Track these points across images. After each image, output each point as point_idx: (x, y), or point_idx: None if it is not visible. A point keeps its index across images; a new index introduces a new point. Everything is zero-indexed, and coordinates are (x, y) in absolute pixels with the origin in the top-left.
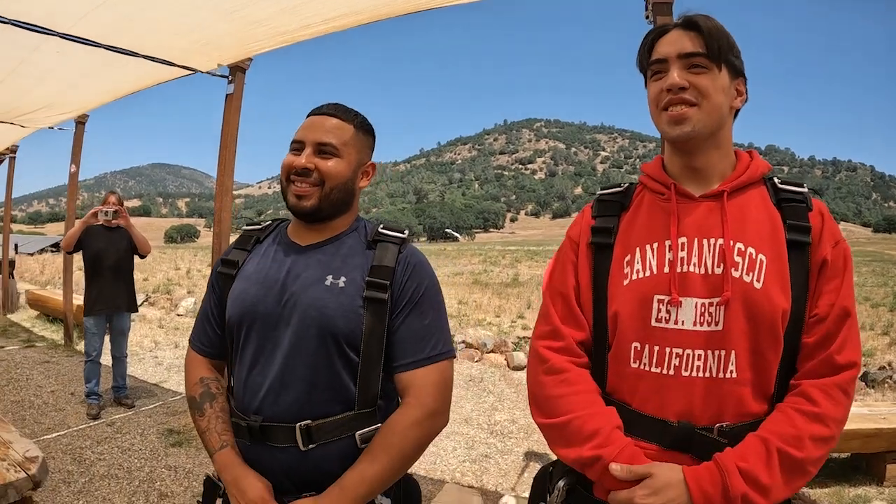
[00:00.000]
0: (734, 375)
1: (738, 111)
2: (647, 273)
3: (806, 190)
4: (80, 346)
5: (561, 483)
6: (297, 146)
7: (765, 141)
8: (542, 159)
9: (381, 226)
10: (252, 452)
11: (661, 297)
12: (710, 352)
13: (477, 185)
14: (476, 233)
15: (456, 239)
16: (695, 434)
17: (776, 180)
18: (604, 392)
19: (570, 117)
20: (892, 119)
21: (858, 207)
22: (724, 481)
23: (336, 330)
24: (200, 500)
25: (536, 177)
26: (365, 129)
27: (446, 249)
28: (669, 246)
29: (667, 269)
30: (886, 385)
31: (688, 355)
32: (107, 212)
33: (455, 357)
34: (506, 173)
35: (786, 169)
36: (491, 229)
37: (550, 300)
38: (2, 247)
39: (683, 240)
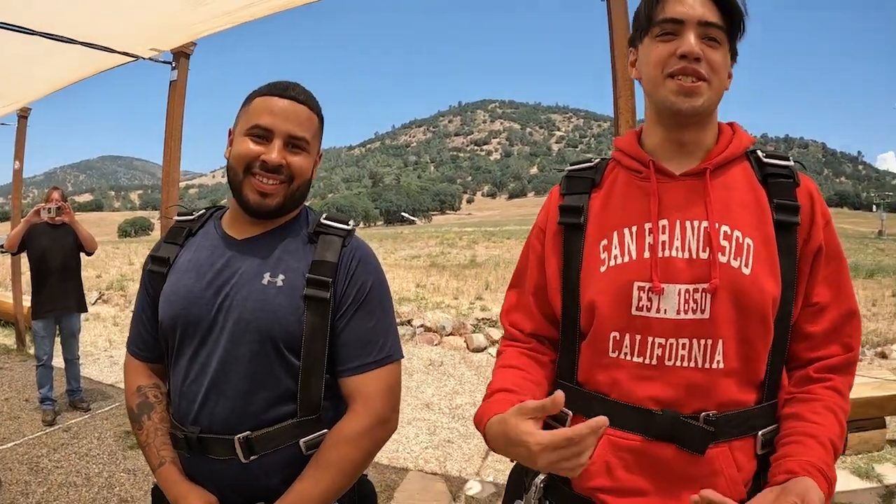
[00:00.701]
0: (721, 366)
1: None
2: (626, 258)
3: (792, 164)
4: (34, 350)
5: (539, 479)
6: (262, 133)
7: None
8: (498, 140)
9: (324, 216)
10: (192, 465)
11: (642, 284)
12: (695, 341)
13: (433, 168)
14: (433, 215)
15: (413, 222)
16: (681, 423)
17: (760, 154)
18: (575, 383)
19: (525, 98)
20: (843, 97)
21: None
22: (829, 488)
23: (274, 333)
24: None
25: (492, 158)
26: (322, 118)
27: (403, 233)
28: (649, 229)
29: (647, 254)
30: None
31: (671, 345)
32: (49, 209)
33: (403, 358)
34: (461, 155)
35: None
36: (447, 211)
37: (508, 290)
38: None
39: (664, 222)
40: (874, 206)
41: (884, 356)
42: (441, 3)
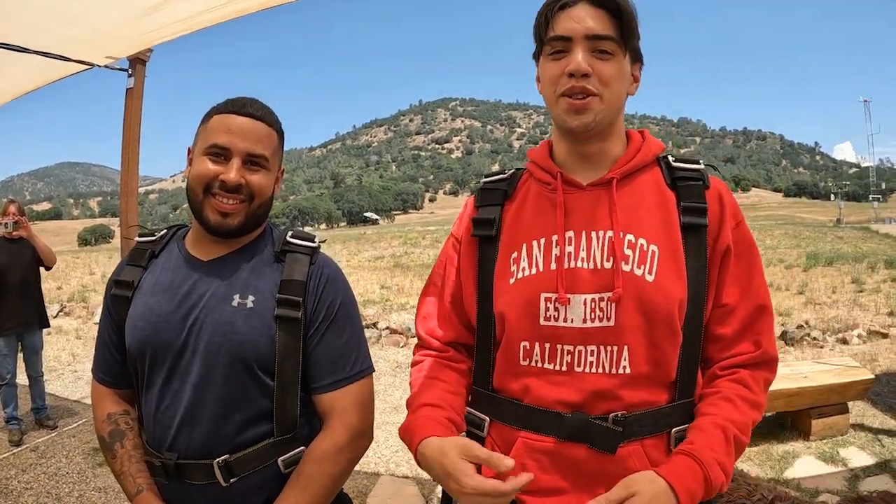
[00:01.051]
0: (628, 371)
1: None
2: (534, 270)
3: (702, 167)
4: None
5: None
6: (220, 152)
7: (677, 113)
8: (459, 138)
9: (290, 234)
10: (171, 491)
11: (549, 294)
12: (602, 347)
13: (394, 167)
14: (395, 215)
15: (376, 222)
16: (590, 424)
17: (670, 159)
18: (490, 389)
19: (486, 95)
20: (799, 89)
21: (769, 174)
22: (706, 474)
23: (247, 355)
24: None
25: (453, 156)
26: (282, 133)
27: (366, 234)
28: (556, 241)
29: (553, 266)
30: (805, 342)
31: (580, 352)
32: (6, 224)
33: (374, 371)
34: (422, 154)
35: (698, 139)
36: (410, 210)
37: (422, 301)
38: None
39: (570, 234)
40: (832, 196)
41: (845, 342)
42: (400, 1)
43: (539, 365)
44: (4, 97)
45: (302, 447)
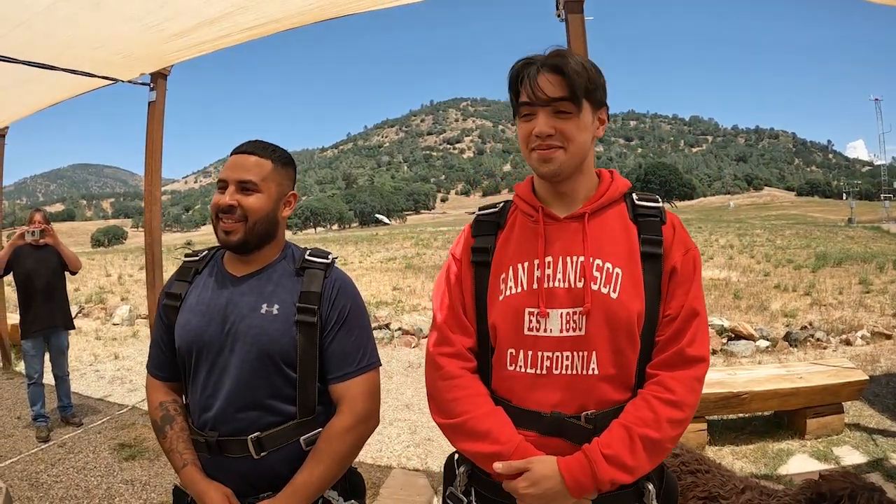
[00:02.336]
0: (596, 372)
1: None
2: (519, 289)
3: (660, 205)
4: (19, 368)
5: (461, 469)
6: (222, 185)
7: (689, 112)
8: (470, 138)
9: (308, 252)
10: (212, 464)
11: (531, 309)
12: (575, 353)
13: (406, 167)
14: (407, 215)
15: (386, 223)
16: (565, 422)
17: (635, 197)
18: (490, 390)
19: (497, 95)
20: (812, 86)
21: (781, 173)
22: (592, 468)
23: (273, 352)
24: None
25: (465, 156)
26: (283, 161)
27: (378, 234)
28: (538, 264)
29: (535, 286)
30: (808, 343)
31: (556, 357)
32: (33, 231)
33: (380, 365)
34: (434, 154)
35: (710, 138)
36: (422, 210)
37: (439, 310)
38: None
39: (549, 258)
40: (844, 195)
41: (848, 343)
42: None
43: (522, 370)
44: (29, 109)
45: (320, 429)
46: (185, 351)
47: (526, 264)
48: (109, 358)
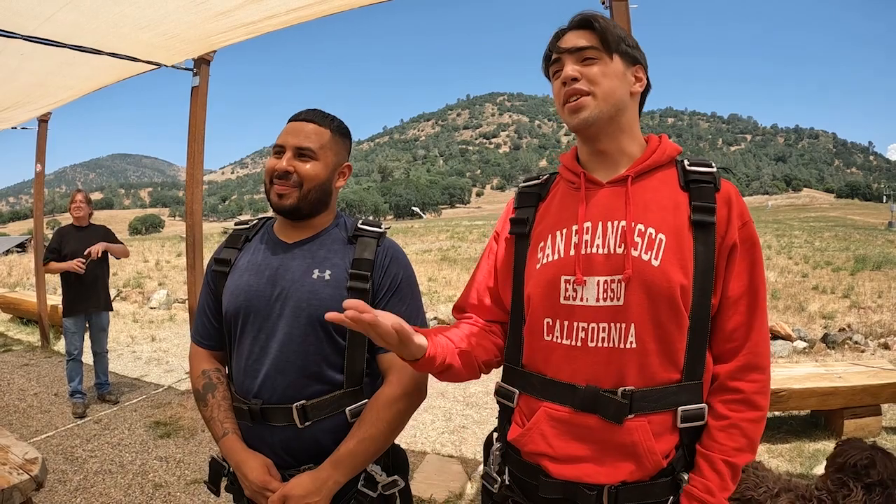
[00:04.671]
0: (634, 346)
1: (643, 97)
2: (556, 256)
3: (714, 170)
4: (58, 347)
5: (495, 447)
6: (279, 150)
7: (727, 110)
8: (506, 133)
9: (361, 221)
10: (254, 433)
11: (568, 277)
12: (612, 324)
13: (441, 161)
14: (443, 209)
15: (421, 216)
16: (600, 396)
17: (686, 162)
18: (520, 365)
19: (534, 90)
20: (854, 87)
21: (821, 174)
22: None
23: (324, 317)
24: (207, 479)
25: (501, 151)
26: (341, 132)
27: (413, 227)
28: (576, 230)
29: (572, 252)
30: (846, 346)
31: (593, 328)
32: (83, 262)
33: None
34: (470, 148)
35: (749, 137)
36: (457, 205)
37: (469, 283)
38: None
39: (588, 224)
40: (885, 197)
41: (887, 347)
42: None
43: (558, 341)
44: (73, 94)
45: (366, 400)
46: (233, 314)
47: (564, 231)
48: (146, 340)
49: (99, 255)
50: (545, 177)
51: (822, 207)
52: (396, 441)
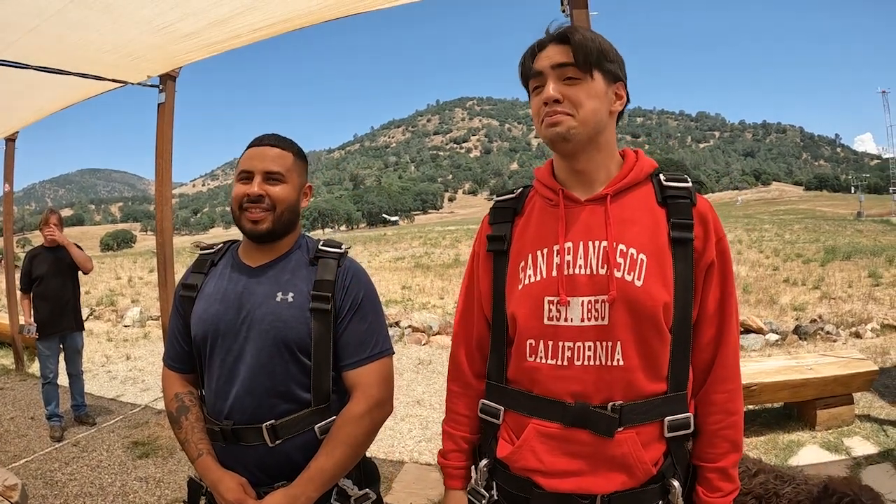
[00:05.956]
0: (621, 363)
1: (620, 114)
2: (538, 277)
3: (690, 185)
4: (32, 370)
5: (482, 463)
6: (246, 175)
7: (695, 108)
8: (477, 137)
9: (322, 242)
10: (227, 452)
11: (551, 298)
12: (598, 343)
13: (413, 168)
14: (415, 215)
15: (396, 223)
16: (590, 412)
17: (662, 177)
18: (505, 381)
19: (503, 94)
20: (819, 80)
21: (790, 167)
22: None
23: (289, 339)
24: (186, 500)
25: (472, 155)
26: (300, 155)
27: (386, 234)
28: (557, 250)
29: (555, 273)
30: (818, 336)
31: (578, 347)
32: (29, 329)
33: (394, 353)
34: (441, 153)
35: (717, 134)
36: (430, 210)
37: (458, 347)
38: None
39: (570, 244)
40: (853, 188)
41: (858, 336)
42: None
43: (543, 361)
44: (39, 114)
45: (334, 417)
46: (201, 338)
47: (545, 251)
48: (121, 359)
49: (59, 240)
50: (519, 190)
51: (792, 200)
52: (374, 450)
